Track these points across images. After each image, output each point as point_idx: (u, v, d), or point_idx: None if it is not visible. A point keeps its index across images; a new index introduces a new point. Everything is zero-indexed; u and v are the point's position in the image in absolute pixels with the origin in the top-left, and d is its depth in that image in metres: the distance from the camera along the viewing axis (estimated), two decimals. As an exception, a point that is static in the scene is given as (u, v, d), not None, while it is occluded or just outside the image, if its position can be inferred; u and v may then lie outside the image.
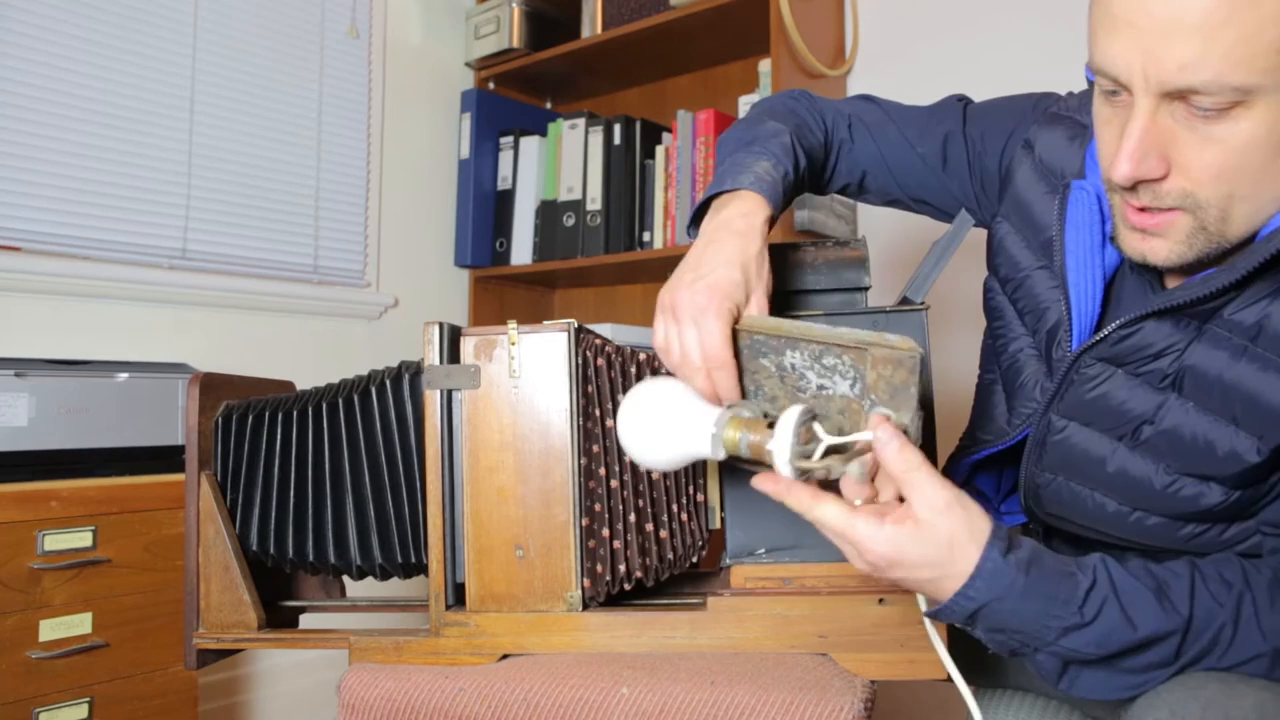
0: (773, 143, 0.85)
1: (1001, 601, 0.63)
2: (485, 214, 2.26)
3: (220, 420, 0.96)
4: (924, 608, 0.69)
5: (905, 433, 0.64)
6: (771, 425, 0.64)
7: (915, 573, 0.62)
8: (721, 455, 0.67)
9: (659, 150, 2.06)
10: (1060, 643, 0.64)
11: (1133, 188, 0.68)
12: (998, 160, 0.90)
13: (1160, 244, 0.69)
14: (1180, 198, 0.66)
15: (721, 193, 0.81)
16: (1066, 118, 0.85)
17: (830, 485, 0.66)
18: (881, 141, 0.96)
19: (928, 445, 0.81)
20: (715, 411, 0.67)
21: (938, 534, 0.61)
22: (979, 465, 0.95)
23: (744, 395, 0.73)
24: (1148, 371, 0.74)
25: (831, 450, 0.64)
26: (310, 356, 2.00)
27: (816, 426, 0.64)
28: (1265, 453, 0.69)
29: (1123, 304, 0.80)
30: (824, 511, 0.63)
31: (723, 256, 0.73)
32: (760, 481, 0.65)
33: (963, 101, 0.96)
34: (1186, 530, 0.76)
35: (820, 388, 0.70)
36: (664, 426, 0.68)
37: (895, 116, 0.97)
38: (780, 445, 0.62)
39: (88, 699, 1.27)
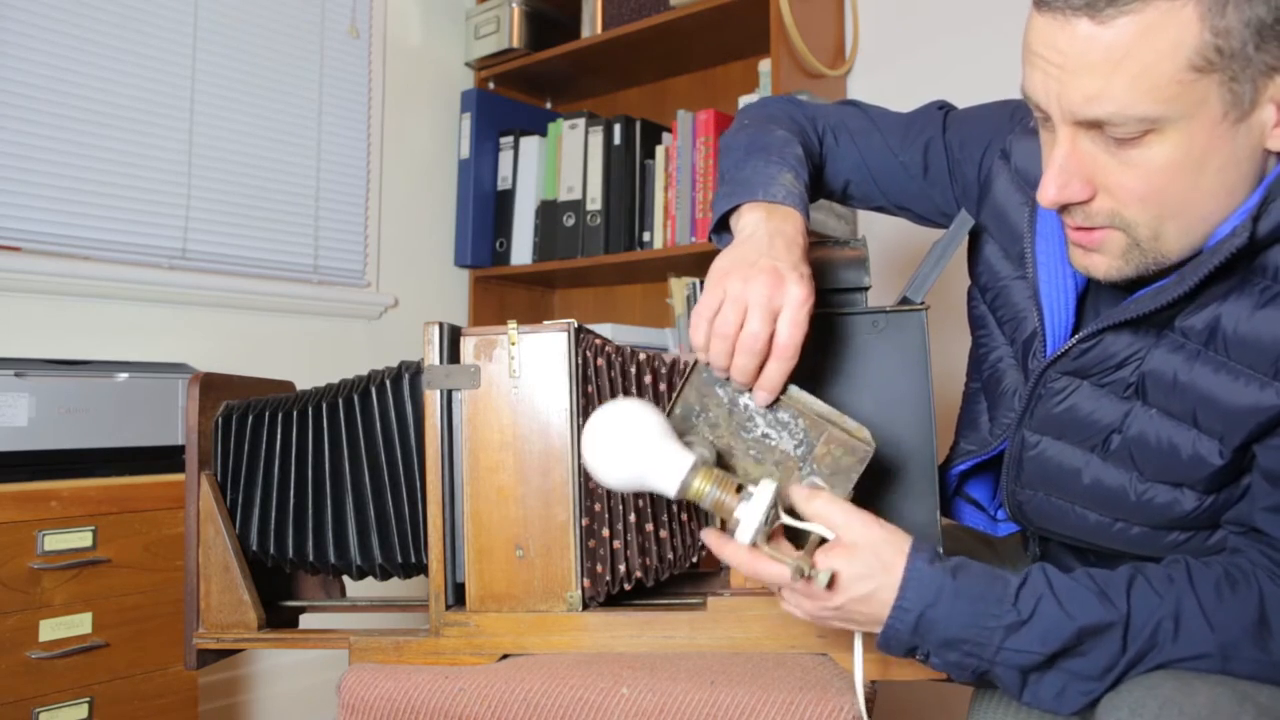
0: (788, 154, 0.85)
1: (935, 608, 0.66)
2: (485, 214, 2.26)
3: (220, 420, 0.96)
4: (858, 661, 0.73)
5: None
6: (740, 489, 0.69)
7: (855, 588, 0.67)
8: (675, 495, 0.70)
9: (659, 150, 2.06)
10: (1006, 646, 0.66)
11: (1064, 209, 0.71)
12: (976, 169, 0.90)
13: (1099, 259, 0.72)
14: (1109, 217, 0.69)
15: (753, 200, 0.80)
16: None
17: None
18: (865, 149, 0.96)
19: (926, 449, 0.81)
20: (689, 456, 0.69)
21: (864, 549, 0.67)
22: (971, 474, 0.95)
23: (685, 413, 0.75)
24: (1112, 381, 0.76)
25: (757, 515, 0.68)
26: (310, 356, 2.00)
27: (781, 512, 0.69)
28: (1228, 455, 0.70)
29: (1097, 315, 0.81)
30: (770, 572, 0.68)
31: (798, 258, 0.74)
32: (708, 536, 0.70)
33: (944, 109, 0.96)
34: (1170, 538, 0.77)
35: (765, 435, 0.74)
36: (634, 451, 0.69)
37: (879, 123, 0.97)
38: (747, 526, 0.67)
39: (88, 699, 1.27)
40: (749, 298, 0.70)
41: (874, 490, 0.80)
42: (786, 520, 0.69)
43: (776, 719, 0.72)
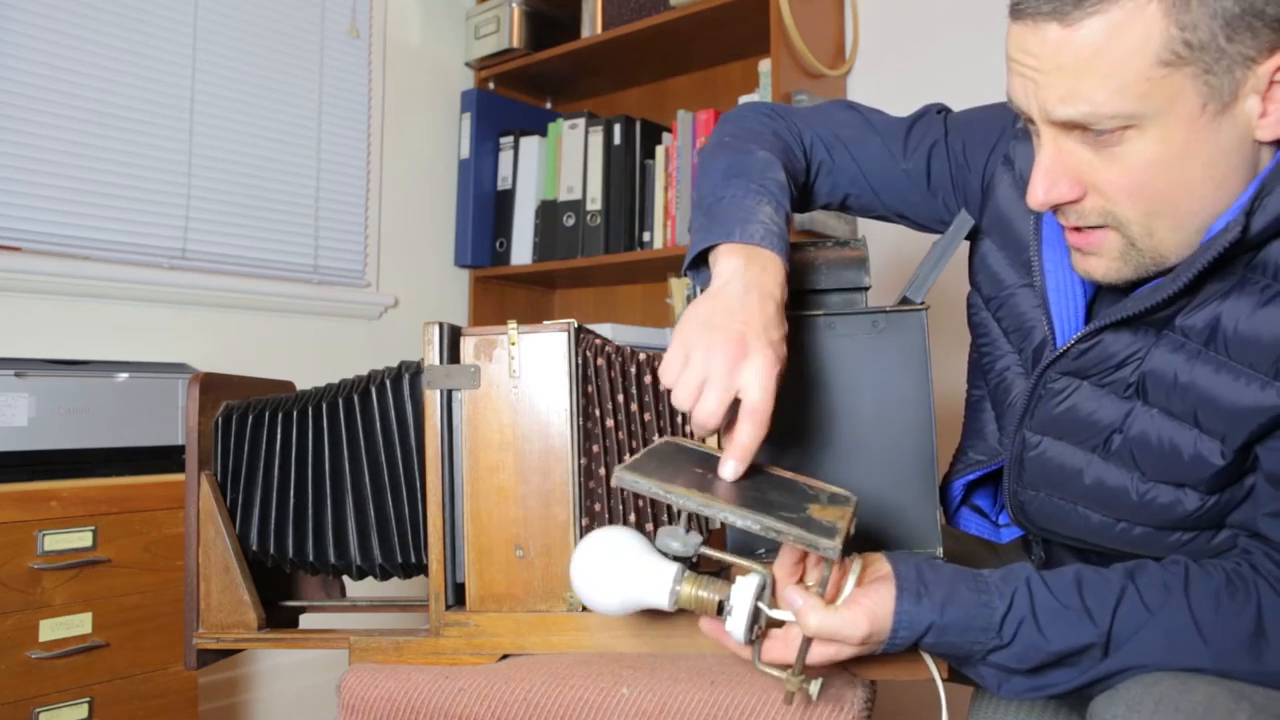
0: (769, 180, 0.82)
1: (924, 639, 0.67)
2: (485, 214, 2.26)
3: (220, 420, 0.96)
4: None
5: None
6: (725, 578, 0.69)
7: (852, 653, 0.67)
8: (671, 607, 0.70)
9: (659, 150, 2.06)
10: (989, 660, 0.67)
11: (1058, 210, 0.71)
12: (980, 176, 0.89)
13: (1097, 262, 0.72)
14: (1102, 215, 0.69)
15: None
16: None
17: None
18: (863, 160, 0.94)
19: (927, 449, 0.81)
20: (672, 567, 0.70)
21: (861, 622, 0.65)
22: (976, 483, 0.95)
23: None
24: (1112, 381, 0.76)
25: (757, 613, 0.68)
26: (310, 356, 2.00)
27: (761, 605, 0.67)
28: (1229, 455, 0.70)
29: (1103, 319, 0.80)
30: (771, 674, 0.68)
31: (770, 318, 0.70)
32: (706, 625, 0.71)
33: (942, 112, 0.95)
34: (1173, 538, 0.76)
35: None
36: (618, 575, 0.70)
37: (879, 128, 0.94)
38: (737, 629, 0.67)
39: (88, 699, 1.27)
40: (709, 371, 0.67)
41: (874, 491, 0.80)
42: (771, 613, 0.67)
43: (776, 719, 0.72)
